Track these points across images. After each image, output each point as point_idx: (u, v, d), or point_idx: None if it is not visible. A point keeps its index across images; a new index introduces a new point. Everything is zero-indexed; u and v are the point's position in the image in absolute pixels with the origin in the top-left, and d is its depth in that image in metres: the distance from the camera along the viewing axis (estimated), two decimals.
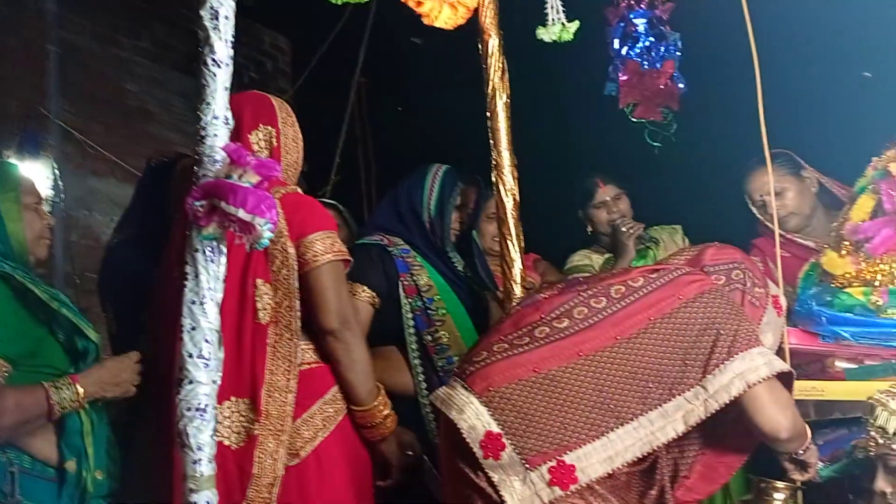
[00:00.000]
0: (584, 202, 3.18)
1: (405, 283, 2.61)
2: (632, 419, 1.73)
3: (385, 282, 2.59)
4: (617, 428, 1.73)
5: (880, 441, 1.69)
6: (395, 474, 2.11)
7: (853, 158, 2.61)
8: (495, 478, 1.73)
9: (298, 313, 2.03)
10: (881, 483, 1.69)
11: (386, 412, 2.11)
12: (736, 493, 2.53)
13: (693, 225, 3.21)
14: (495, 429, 1.75)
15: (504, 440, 1.74)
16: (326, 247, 2.07)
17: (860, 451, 2.08)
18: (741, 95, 2.55)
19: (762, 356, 1.76)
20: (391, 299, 2.59)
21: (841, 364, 2.27)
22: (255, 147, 2.15)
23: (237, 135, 2.12)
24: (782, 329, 2.03)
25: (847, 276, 2.33)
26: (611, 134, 3.18)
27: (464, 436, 1.76)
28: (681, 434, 1.74)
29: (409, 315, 2.58)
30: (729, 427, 1.89)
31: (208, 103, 1.61)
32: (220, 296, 1.58)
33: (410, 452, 2.31)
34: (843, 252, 2.37)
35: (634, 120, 2.79)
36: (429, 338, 2.56)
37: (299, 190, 2.22)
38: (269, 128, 2.19)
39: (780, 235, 2.73)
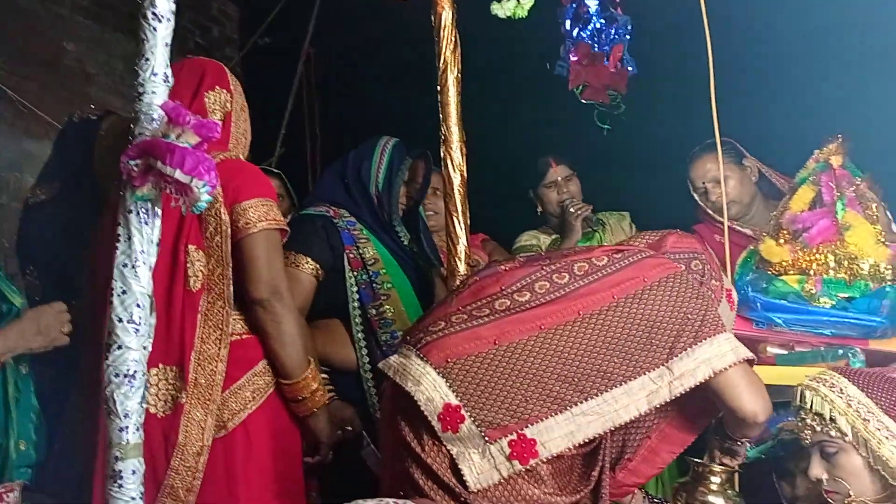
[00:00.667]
0: (535, 181, 3.18)
1: (350, 255, 2.56)
2: (596, 395, 1.70)
3: (330, 254, 2.54)
4: (581, 402, 1.70)
5: (818, 429, 1.70)
6: (325, 451, 2.05)
7: (796, 150, 2.64)
8: (454, 451, 1.68)
9: (231, 282, 1.97)
10: (816, 470, 1.70)
11: (314, 386, 2.05)
12: (669, 476, 2.56)
13: (638, 209, 3.23)
14: (454, 401, 1.70)
15: (463, 412, 1.69)
16: (261, 214, 2.01)
17: (786, 434, 2.12)
18: (689, 82, 2.57)
19: (729, 342, 1.74)
20: (335, 272, 2.54)
21: (773, 350, 2.30)
22: (210, 108, 2.09)
23: (195, 92, 2.06)
24: (733, 323, 2.05)
25: (783, 263, 2.36)
26: (562, 114, 3.17)
27: (421, 408, 1.71)
28: (644, 413, 1.72)
29: (354, 288, 2.54)
30: (677, 413, 1.89)
31: (147, 59, 1.54)
32: (153, 260, 1.52)
33: (350, 428, 2.27)
34: (781, 240, 2.40)
35: (584, 101, 2.78)
36: (373, 312, 2.51)
37: (242, 157, 2.15)
38: (225, 91, 2.14)
39: (719, 223, 2.78)
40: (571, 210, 3.01)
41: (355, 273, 2.54)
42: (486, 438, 1.68)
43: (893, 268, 2.30)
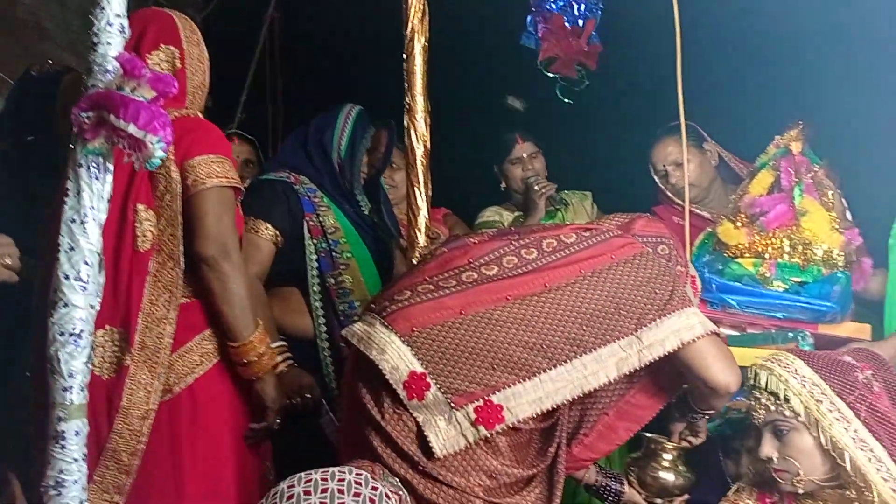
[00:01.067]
0: (500, 157, 3.16)
1: (311, 223, 2.53)
2: (565, 361, 1.70)
3: (289, 220, 2.51)
4: (549, 369, 1.70)
5: (772, 408, 1.71)
6: (271, 417, 2.01)
7: (756, 137, 2.66)
8: (420, 419, 1.68)
9: (181, 242, 1.92)
10: (768, 449, 1.71)
11: (261, 350, 1.99)
12: (619, 452, 2.59)
13: (600, 190, 3.23)
14: (419, 368, 1.69)
15: (429, 380, 1.69)
16: (212, 171, 1.94)
17: (734, 413, 2.16)
18: (654, 64, 2.57)
19: (696, 316, 1.77)
20: (295, 239, 2.51)
21: (725, 331, 2.31)
22: (155, 69, 2.00)
23: (135, 53, 1.97)
24: (695, 307, 2.05)
25: (740, 246, 2.39)
26: (529, 90, 3.15)
27: (386, 377, 1.69)
28: (612, 380, 1.73)
29: (313, 256, 2.52)
30: (636, 390, 1.90)
31: (102, 8, 1.48)
32: (103, 217, 1.47)
33: (310, 395, 2.26)
34: (739, 224, 2.42)
35: (550, 75, 2.76)
36: (332, 281, 2.50)
37: (200, 115, 2.08)
38: (173, 48, 2.04)
39: (678, 205, 2.79)
40: (536, 188, 3.01)
41: (315, 241, 2.52)
42: (452, 405, 1.68)
43: (846, 254, 2.33)
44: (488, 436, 1.67)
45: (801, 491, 1.69)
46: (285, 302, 2.51)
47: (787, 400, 1.68)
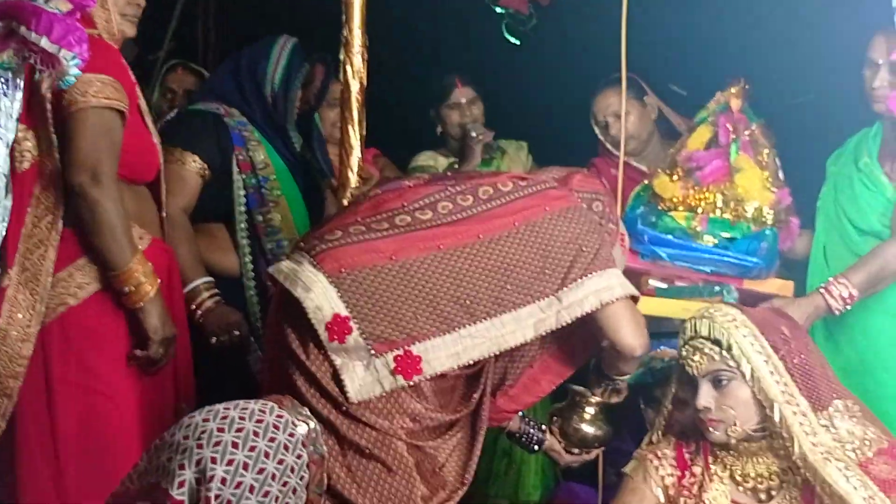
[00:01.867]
0: (438, 100, 3.10)
1: (240, 157, 2.47)
2: (485, 318, 1.71)
3: (218, 154, 2.44)
4: (469, 325, 1.70)
5: (716, 357, 1.72)
6: (153, 348, 1.93)
7: (698, 92, 2.66)
8: (337, 361, 1.66)
9: (59, 163, 1.83)
10: (704, 399, 1.71)
11: (141, 278, 1.89)
12: (541, 402, 2.62)
13: (538, 139, 3.20)
14: (343, 311, 1.67)
15: (352, 324, 1.67)
16: (93, 90, 1.81)
17: (657, 363, 2.20)
18: (600, 14, 2.53)
19: (617, 277, 1.78)
20: (223, 173, 2.44)
21: (654, 282, 2.36)
22: None
23: None
24: (623, 266, 2.05)
25: (674, 200, 2.40)
26: (472, 32, 3.09)
27: (309, 315, 1.67)
28: (529, 340, 1.74)
29: (241, 192, 2.46)
30: (561, 344, 1.92)
31: None
32: (11, 136, 1.37)
33: (237, 332, 2.22)
34: (675, 177, 2.43)
35: (499, 9, 2.68)
36: (260, 218, 2.45)
37: (104, 36, 1.94)
38: None
39: (617, 157, 2.79)
40: (473, 134, 2.97)
41: (244, 176, 2.46)
42: (373, 352, 1.67)
43: (775, 212, 2.37)
44: (405, 385, 1.67)
45: (733, 441, 1.72)
46: (211, 238, 2.45)
47: (729, 349, 1.70)
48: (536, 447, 2.13)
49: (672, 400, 1.88)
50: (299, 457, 1.36)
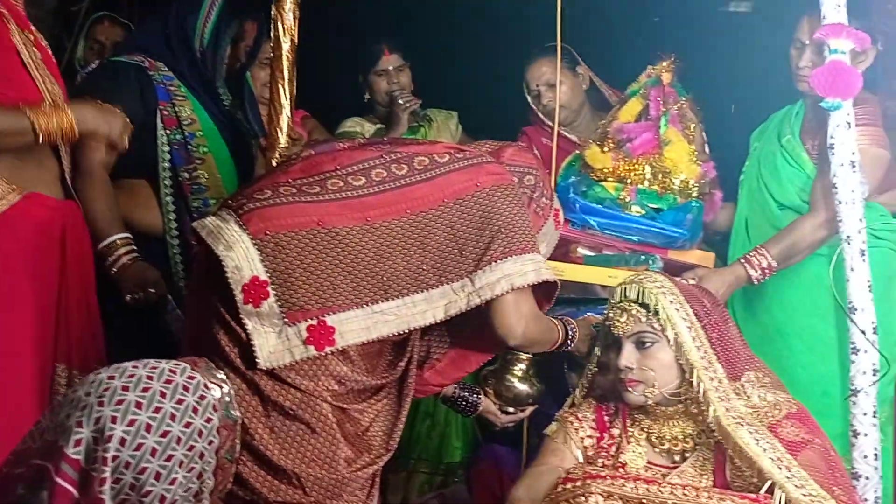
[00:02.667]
0: (366, 67, 3.05)
1: (164, 112, 2.37)
2: (398, 296, 1.69)
3: (141, 107, 2.33)
4: (382, 301, 1.68)
5: (643, 319, 1.74)
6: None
7: (631, 65, 2.65)
8: (249, 325, 1.62)
9: None
10: (626, 359, 1.74)
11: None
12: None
13: (469, 108, 3.17)
14: (262, 276, 1.62)
15: (269, 289, 1.62)
16: None
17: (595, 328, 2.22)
18: None
19: (533, 262, 1.75)
20: (146, 128, 2.33)
21: (582, 250, 2.38)
22: None
23: None
24: (556, 240, 2.07)
25: (605, 170, 2.41)
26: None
27: (227, 274, 1.62)
28: (438, 321, 1.72)
29: (166, 148, 2.36)
30: (485, 321, 1.87)
31: None
32: None
33: (154, 290, 2.16)
34: (606, 148, 2.44)
35: None
36: (185, 175, 2.36)
37: None
38: None
39: (549, 127, 2.80)
40: (400, 102, 2.93)
41: (168, 132, 2.36)
42: (286, 320, 1.64)
43: (700, 186, 2.40)
44: (316, 356, 1.64)
45: (650, 403, 1.74)
46: (133, 195, 2.35)
47: (656, 313, 1.73)
48: (472, 411, 2.13)
49: (594, 364, 1.90)
50: (209, 420, 1.31)
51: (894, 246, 2.28)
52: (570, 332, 1.97)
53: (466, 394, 2.10)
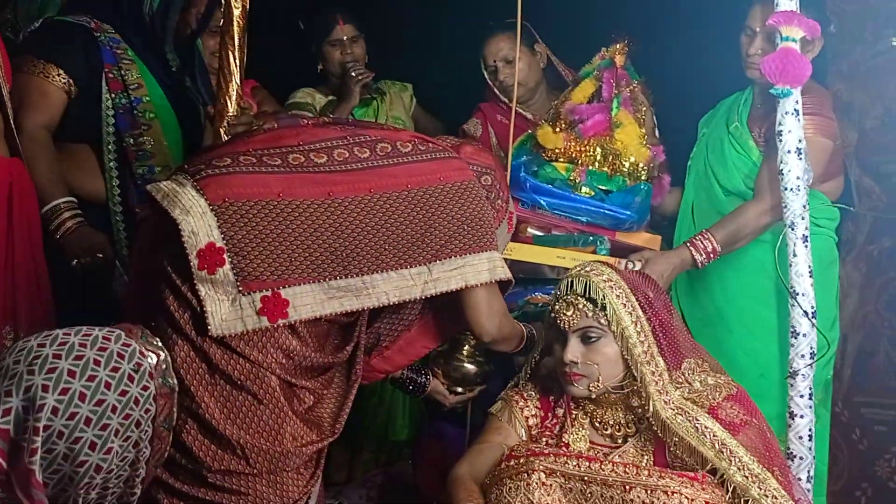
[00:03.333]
0: (319, 37, 2.97)
1: (110, 75, 2.31)
2: (357, 274, 1.66)
3: (86, 69, 2.27)
4: (338, 278, 1.65)
5: (589, 314, 1.73)
6: None
7: (588, 45, 2.63)
8: (202, 291, 1.57)
9: None
10: (572, 353, 1.73)
11: None
12: None
13: (423, 82, 3.12)
14: (219, 242, 1.58)
15: (225, 256, 1.58)
16: None
17: (531, 307, 2.21)
18: None
19: (490, 262, 1.76)
20: (91, 91, 2.27)
21: (532, 230, 2.37)
22: None
23: None
24: (506, 244, 2.07)
25: (556, 150, 2.40)
26: None
27: (183, 239, 1.57)
28: (392, 303, 1.70)
29: (111, 112, 2.30)
30: (437, 311, 1.90)
31: None
32: None
33: (101, 255, 2.11)
34: (558, 129, 2.42)
35: None
36: (130, 141, 2.31)
37: None
38: None
39: (504, 104, 2.76)
40: (353, 74, 2.86)
41: (113, 96, 2.31)
42: (240, 288, 1.59)
43: (649, 169, 2.41)
44: (269, 327, 1.60)
45: (593, 396, 1.74)
46: (76, 160, 2.29)
47: (603, 308, 1.71)
48: (420, 392, 2.13)
49: (547, 349, 1.88)
50: (145, 388, 1.26)
51: (832, 234, 2.32)
52: (527, 333, 2.00)
53: (415, 375, 2.11)
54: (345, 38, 2.92)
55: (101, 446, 1.23)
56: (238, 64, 2.14)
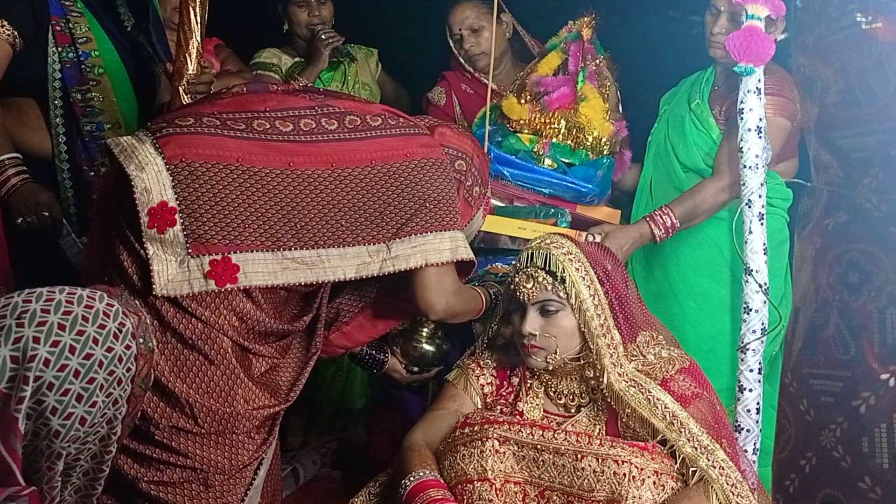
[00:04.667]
0: None
1: (57, 28, 2.24)
2: (312, 247, 1.66)
3: (31, 21, 2.19)
4: (294, 249, 1.65)
5: (549, 288, 1.75)
6: None
7: (554, 17, 2.64)
8: (150, 250, 1.57)
9: None
10: (530, 325, 1.75)
11: None
12: None
13: (391, 47, 3.11)
14: (172, 202, 1.57)
15: (177, 217, 1.57)
16: None
17: (492, 277, 2.22)
18: None
19: (452, 241, 1.75)
20: (37, 45, 2.20)
21: (494, 201, 2.38)
22: None
23: None
24: (477, 229, 2.07)
25: (521, 122, 2.42)
26: None
27: (135, 195, 1.56)
28: (348, 279, 1.69)
29: (57, 66, 2.23)
30: (400, 289, 1.88)
31: None
32: None
33: (47, 213, 2.07)
34: (523, 100, 2.44)
35: None
36: (77, 97, 2.25)
37: None
38: None
39: (469, 73, 2.76)
40: (322, 37, 2.83)
41: (60, 49, 2.25)
42: (190, 251, 1.59)
43: (612, 143, 2.44)
44: (216, 290, 1.60)
45: (550, 367, 1.77)
46: (20, 114, 2.23)
47: (562, 281, 1.74)
48: (378, 368, 2.15)
49: (505, 320, 1.90)
50: (128, 347, 1.30)
51: (785, 214, 2.39)
52: (493, 298, 2.00)
53: (374, 352, 2.12)
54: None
55: (87, 399, 1.26)
56: (199, 21, 2.11)
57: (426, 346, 2.16)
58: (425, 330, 2.17)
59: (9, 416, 1.19)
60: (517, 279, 1.78)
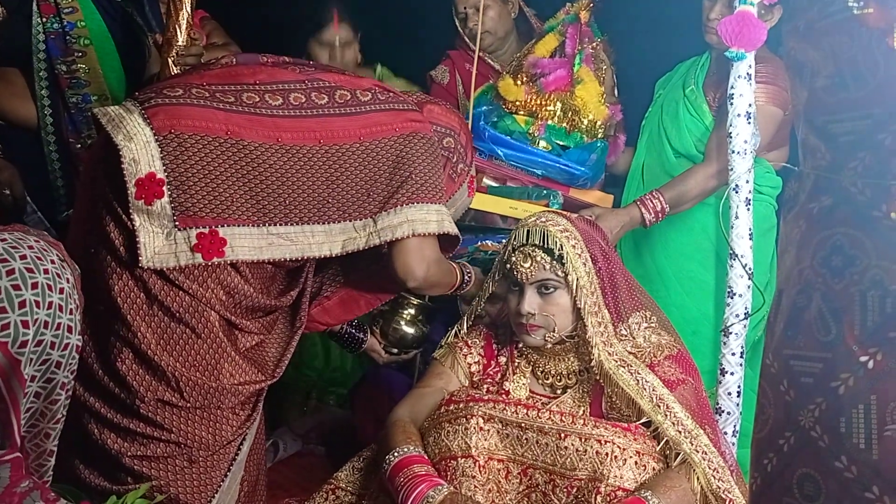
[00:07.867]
0: (307, 30, 2.66)
1: None
2: (298, 223, 1.70)
3: None
4: (281, 224, 1.69)
5: (547, 267, 1.78)
6: None
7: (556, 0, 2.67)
8: (137, 221, 1.61)
9: None
10: (529, 305, 1.79)
11: None
12: None
13: (398, 24, 3.13)
14: (160, 173, 1.61)
15: (164, 189, 1.61)
16: None
17: (481, 254, 2.27)
18: None
19: (438, 213, 1.80)
20: (22, 15, 2.24)
21: (487, 181, 2.44)
22: None
23: None
24: (465, 207, 2.11)
25: (517, 103, 2.47)
26: None
27: (123, 165, 1.59)
28: (334, 255, 1.74)
29: (41, 37, 2.27)
30: (382, 269, 1.92)
31: None
32: None
33: (8, 192, 2.08)
34: (519, 81, 2.48)
35: None
36: (63, 68, 2.28)
37: None
38: None
39: (473, 52, 2.77)
40: None
41: (44, 20, 2.28)
42: (177, 223, 1.63)
43: (606, 127, 2.49)
44: (203, 264, 1.64)
45: (548, 346, 1.82)
46: (7, 84, 2.27)
47: (560, 259, 1.78)
48: (357, 347, 2.19)
49: (487, 293, 1.94)
50: (68, 281, 1.32)
51: (773, 202, 2.45)
52: (465, 276, 2.04)
53: (354, 331, 2.16)
54: (337, 41, 2.59)
55: (74, 328, 1.30)
56: None
57: (406, 328, 2.21)
58: (406, 312, 2.22)
59: (11, 358, 1.21)
60: (514, 259, 1.80)
